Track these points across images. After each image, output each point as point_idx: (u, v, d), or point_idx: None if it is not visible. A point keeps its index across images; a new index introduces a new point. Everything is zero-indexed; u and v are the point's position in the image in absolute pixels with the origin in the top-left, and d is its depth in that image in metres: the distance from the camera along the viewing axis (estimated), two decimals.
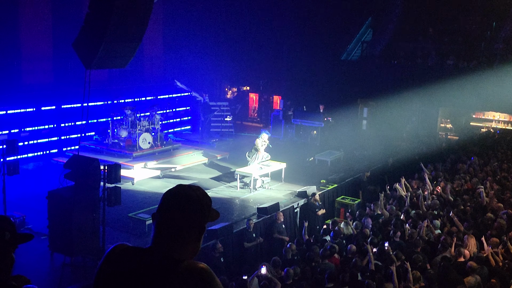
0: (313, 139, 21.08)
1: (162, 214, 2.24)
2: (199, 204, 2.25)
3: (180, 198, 2.25)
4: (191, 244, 2.24)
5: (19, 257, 2.42)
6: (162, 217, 2.23)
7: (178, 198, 2.25)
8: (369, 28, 25.56)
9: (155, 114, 18.52)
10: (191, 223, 2.23)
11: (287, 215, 13.35)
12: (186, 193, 2.26)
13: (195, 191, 2.28)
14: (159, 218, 2.24)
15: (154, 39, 23.94)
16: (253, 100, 26.87)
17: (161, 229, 2.22)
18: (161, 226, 2.23)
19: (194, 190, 2.28)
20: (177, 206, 2.23)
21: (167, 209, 2.24)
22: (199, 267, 2.15)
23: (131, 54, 11.29)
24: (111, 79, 22.03)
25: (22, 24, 19.44)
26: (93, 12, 10.41)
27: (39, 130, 18.05)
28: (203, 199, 2.28)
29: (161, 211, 2.25)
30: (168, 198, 2.26)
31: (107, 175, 10.56)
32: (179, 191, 2.27)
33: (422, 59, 22.60)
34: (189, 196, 2.25)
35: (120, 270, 2.19)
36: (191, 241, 2.24)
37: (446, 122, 23.01)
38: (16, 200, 12.84)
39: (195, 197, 2.26)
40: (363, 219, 11.56)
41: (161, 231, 2.22)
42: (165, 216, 2.23)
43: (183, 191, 2.27)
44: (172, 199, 2.25)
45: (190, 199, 2.24)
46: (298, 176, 16.43)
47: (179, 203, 2.23)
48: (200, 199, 2.27)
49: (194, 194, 2.26)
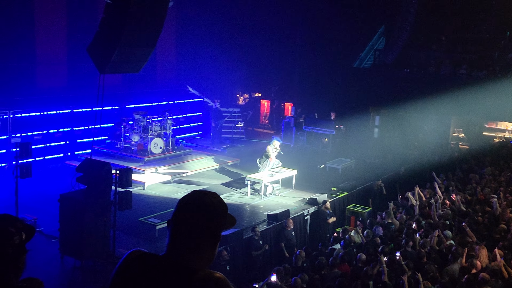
0: (324, 147, 21.03)
1: (177, 221, 2.21)
2: (214, 211, 2.22)
3: (196, 205, 2.22)
4: (206, 252, 2.21)
5: (29, 260, 2.42)
6: (177, 224, 2.21)
7: (193, 205, 2.22)
8: (382, 36, 25.51)
9: (167, 119, 18.59)
10: (206, 231, 2.20)
11: (297, 222, 13.32)
12: (201, 200, 2.23)
13: (211, 198, 2.25)
14: (174, 225, 2.22)
15: (168, 44, 24.07)
16: (264, 106, 26.88)
17: (176, 237, 2.20)
18: (176, 233, 2.21)
19: (210, 197, 2.25)
20: (192, 214, 2.20)
21: (182, 216, 2.21)
22: (215, 276, 2.13)
23: (144, 59, 11.37)
24: (124, 84, 22.17)
25: (38, 29, 19.63)
26: (108, 18, 10.50)
27: (52, 134, 18.18)
28: (219, 207, 2.25)
29: (176, 217, 2.22)
30: (184, 205, 2.23)
31: (119, 179, 10.60)
32: (194, 198, 2.25)
33: (434, 68, 22.51)
34: (204, 203, 2.22)
35: (136, 277, 2.18)
36: (206, 249, 2.21)
37: (458, 132, 22.87)
38: (28, 203, 12.93)
39: (211, 205, 2.23)
40: (374, 227, 11.50)
41: (176, 238, 2.20)
42: (180, 223, 2.20)
43: (199, 198, 2.24)
44: (188, 206, 2.23)
45: (206, 207, 2.21)
46: (309, 184, 16.40)
47: (195, 210, 2.20)
48: (216, 206, 2.24)
49: (209, 201, 2.24)
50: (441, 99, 20.13)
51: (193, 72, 24.68)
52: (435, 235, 10.13)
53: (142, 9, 10.41)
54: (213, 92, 24.17)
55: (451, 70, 22.02)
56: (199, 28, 24.06)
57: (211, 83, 24.81)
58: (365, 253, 9.81)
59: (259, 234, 11.75)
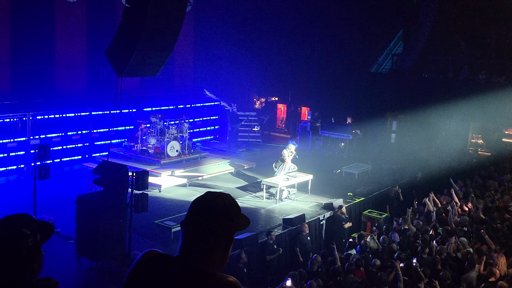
0: (341, 151, 20.95)
1: (190, 222, 2.21)
2: (227, 213, 2.22)
3: (209, 207, 2.21)
4: (219, 254, 2.22)
5: (46, 260, 2.44)
6: (190, 226, 2.21)
7: (206, 207, 2.22)
8: (400, 41, 25.36)
9: (184, 123, 18.67)
10: (219, 233, 2.20)
11: (313, 227, 13.27)
12: (214, 202, 2.23)
13: (223, 200, 2.25)
14: (187, 227, 2.22)
15: (185, 48, 24.20)
16: (281, 110, 26.88)
17: (189, 238, 2.20)
18: (189, 235, 2.21)
19: (223, 199, 2.25)
20: (205, 216, 2.20)
21: (195, 218, 2.21)
22: (229, 281, 2.14)
23: (162, 63, 11.43)
24: (142, 87, 22.34)
25: (58, 33, 19.89)
26: (126, 21, 10.58)
27: (70, 136, 18.37)
28: (231, 209, 2.24)
29: (189, 219, 2.22)
30: (197, 207, 2.23)
31: (135, 182, 10.67)
32: (207, 200, 2.24)
33: (453, 73, 22.31)
34: (217, 205, 2.22)
35: (149, 278, 2.20)
36: (219, 251, 2.21)
37: (477, 138, 22.62)
38: (46, 204, 13.06)
39: (224, 206, 2.22)
40: (390, 233, 11.42)
41: (189, 240, 2.20)
42: (193, 225, 2.20)
43: (212, 199, 2.24)
44: (201, 208, 2.23)
45: (219, 209, 2.21)
46: (325, 188, 16.34)
47: (207, 212, 2.20)
48: (229, 208, 2.24)
49: (222, 203, 2.23)
50: (460, 105, 19.94)
51: (210, 76, 24.78)
52: (452, 242, 10.02)
53: (160, 13, 10.48)
54: (230, 96, 24.24)
55: (470, 75, 21.81)
56: (216, 32, 24.16)
57: (228, 87, 24.88)
58: (381, 259, 9.74)
59: (274, 239, 11.73)
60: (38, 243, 2.33)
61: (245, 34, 24.91)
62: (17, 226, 2.30)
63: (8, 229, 2.29)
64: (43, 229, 2.39)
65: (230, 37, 24.12)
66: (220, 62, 24.71)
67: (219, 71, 24.88)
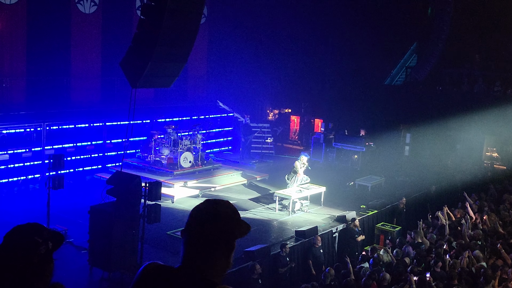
0: (354, 164, 20.85)
1: (190, 231, 2.23)
2: (227, 220, 2.22)
3: (208, 215, 2.22)
4: (221, 262, 2.21)
5: (59, 270, 2.45)
6: (190, 235, 2.22)
7: (206, 215, 2.23)
8: (414, 53, 25.31)
9: (197, 134, 18.72)
10: (220, 240, 2.20)
11: (326, 240, 13.20)
12: (213, 209, 2.24)
13: (222, 207, 2.25)
14: (188, 236, 2.23)
15: (199, 59, 24.34)
16: (294, 122, 26.87)
17: (190, 248, 2.21)
18: (190, 244, 2.22)
19: (222, 206, 2.26)
20: (205, 224, 2.20)
21: (195, 226, 2.22)
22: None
23: (176, 74, 11.51)
24: (156, 98, 22.47)
25: (73, 44, 20.13)
26: (141, 33, 10.69)
27: (84, 146, 18.50)
28: (231, 215, 2.25)
29: (189, 228, 2.23)
30: (196, 215, 2.25)
31: (148, 192, 10.69)
32: (206, 208, 2.25)
33: (468, 86, 22.18)
34: (217, 212, 2.22)
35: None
36: (220, 259, 2.21)
37: (492, 151, 22.39)
38: (59, 214, 13.13)
39: (223, 213, 2.23)
40: (404, 247, 11.32)
41: (190, 249, 2.21)
42: (194, 234, 2.21)
43: (211, 207, 2.25)
44: (200, 216, 2.24)
45: (218, 216, 2.22)
46: (338, 201, 16.26)
47: (207, 220, 2.21)
48: (228, 215, 2.24)
49: (221, 210, 2.24)
50: (475, 118, 19.80)
51: (223, 87, 24.87)
52: (465, 256, 9.91)
53: (174, 25, 10.56)
54: (243, 107, 24.29)
55: (484, 88, 21.67)
56: (230, 44, 24.28)
57: (241, 98, 24.95)
58: (395, 273, 9.65)
59: (288, 252, 11.67)
60: (50, 251, 2.35)
61: (258, 45, 25.02)
62: (29, 235, 2.32)
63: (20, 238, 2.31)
64: (54, 237, 2.41)
65: (243, 49, 24.22)
66: (234, 73, 24.81)
67: (233, 82, 24.97)
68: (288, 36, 24.90)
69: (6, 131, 16.57)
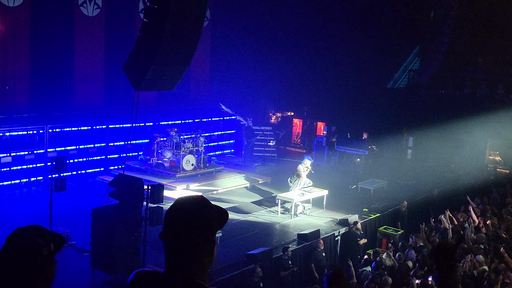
0: (356, 167, 20.84)
1: (169, 236, 2.19)
2: (202, 217, 2.17)
3: (182, 215, 2.17)
4: (204, 260, 2.18)
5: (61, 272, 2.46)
6: (169, 237, 2.18)
7: (180, 215, 2.18)
8: (416, 56, 25.30)
9: (200, 137, 18.74)
10: (200, 239, 2.16)
11: (328, 243, 13.18)
12: (186, 208, 2.19)
13: (195, 203, 2.21)
14: (167, 240, 2.19)
15: (202, 62, 24.38)
16: (297, 125, 26.87)
17: (172, 252, 2.18)
18: (170, 248, 2.18)
19: (194, 202, 2.21)
20: (181, 224, 2.16)
21: (172, 230, 2.18)
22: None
23: (179, 77, 11.52)
24: (159, 101, 22.50)
25: (76, 46, 20.17)
26: (144, 36, 10.70)
27: (87, 149, 18.53)
28: (205, 211, 2.19)
29: (167, 232, 2.19)
30: (171, 217, 2.20)
31: (150, 195, 10.70)
32: (179, 208, 2.21)
33: (470, 89, 22.15)
34: (190, 210, 2.18)
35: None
36: (204, 257, 2.18)
37: (495, 155, 22.37)
38: (61, 216, 13.14)
39: (196, 211, 2.18)
40: (407, 250, 11.30)
41: (173, 253, 2.18)
42: (172, 238, 2.18)
43: (184, 206, 2.20)
44: (175, 217, 2.19)
45: (192, 214, 2.17)
46: (340, 204, 16.25)
47: (182, 220, 2.16)
48: (202, 211, 2.18)
49: (194, 207, 2.19)
50: (477, 121, 19.77)
51: (226, 90, 24.89)
52: (468, 260, 9.89)
53: (177, 28, 10.58)
54: (245, 110, 24.31)
55: (487, 91, 21.64)
56: (232, 47, 24.32)
57: (244, 101, 24.97)
58: (397, 277, 9.63)
59: (290, 255, 11.66)
60: (52, 253, 2.36)
61: (261, 48, 25.03)
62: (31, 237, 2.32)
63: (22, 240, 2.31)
64: (56, 239, 2.41)
65: (246, 52, 24.26)
66: (236, 76, 24.83)
67: (235, 85, 24.99)
68: (291, 39, 24.92)
69: (9, 133, 16.61)
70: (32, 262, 2.27)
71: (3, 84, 18.38)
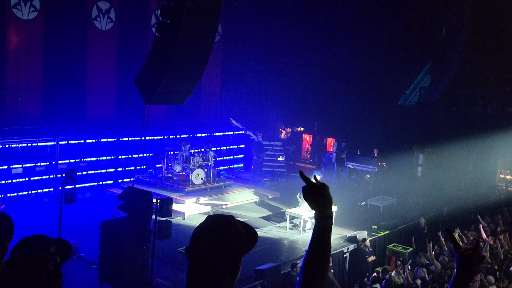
0: (366, 184, 20.76)
1: (194, 252, 2.09)
2: (229, 240, 2.08)
3: (211, 234, 2.09)
4: (225, 282, 2.08)
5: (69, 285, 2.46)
6: (194, 256, 2.09)
7: (208, 234, 2.09)
8: (427, 73, 25.28)
9: (209, 151, 18.78)
10: (225, 260, 2.07)
11: (336, 260, 13.10)
12: (217, 227, 2.11)
13: (225, 224, 2.12)
14: (191, 260, 2.09)
15: (212, 77, 24.49)
16: (306, 141, 26.85)
17: (194, 269, 2.08)
18: (194, 266, 2.08)
19: (225, 223, 2.13)
20: (207, 244, 2.07)
21: (199, 246, 2.09)
22: None
23: (189, 91, 11.59)
24: (169, 115, 22.60)
25: (89, 59, 20.36)
26: (156, 50, 10.80)
27: (97, 161, 18.61)
28: (235, 232, 2.11)
29: (193, 249, 2.10)
30: (199, 235, 2.11)
31: (159, 209, 10.71)
32: (209, 226, 2.12)
33: (481, 107, 22.07)
34: (220, 231, 2.09)
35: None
36: (225, 280, 2.08)
37: (506, 173, 22.18)
38: (70, 228, 13.16)
39: (224, 233, 2.09)
40: (416, 269, 11.20)
41: (193, 270, 2.08)
42: (198, 255, 2.08)
43: (213, 226, 2.12)
44: (203, 235, 2.10)
45: (222, 234, 2.08)
46: (349, 220, 16.16)
47: (209, 240, 2.08)
48: (232, 232, 2.10)
49: (223, 228, 2.11)
50: (488, 139, 19.66)
51: (236, 104, 24.98)
52: (477, 280, 9.78)
53: (189, 42, 10.67)
54: (255, 125, 24.35)
55: (499, 109, 21.54)
56: (243, 62, 24.44)
57: (254, 116, 25.02)
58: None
59: (298, 271, 11.56)
60: (58, 265, 2.35)
61: (272, 64, 25.15)
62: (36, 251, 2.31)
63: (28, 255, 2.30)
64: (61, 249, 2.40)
65: (257, 67, 24.38)
66: (247, 91, 24.92)
67: (246, 100, 25.07)
68: (302, 54, 25.00)
69: (20, 144, 16.74)
70: (38, 277, 2.26)
71: (15, 96, 18.57)
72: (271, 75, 24.90)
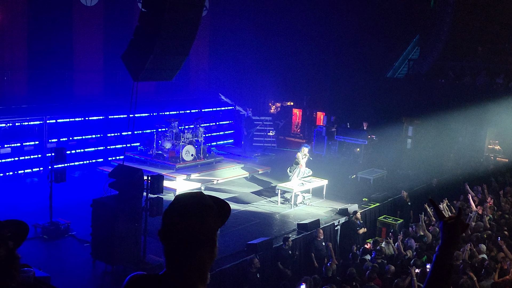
0: (356, 157, 20.85)
1: (168, 234, 2.07)
2: (202, 216, 2.05)
3: (181, 214, 2.05)
4: (205, 259, 2.07)
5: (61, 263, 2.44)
6: (168, 237, 2.07)
7: (179, 214, 2.06)
8: (416, 45, 25.23)
9: (199, 127, 18.72)
10: (199, 238, 2.04)
11: (327, 233, 13.21)
12: (185, 207, 2.07)
13: (195, 202, 2.08)
14: (166, 238, 2.08)
15: (201, 52, 24.30)
16: (296, 115, 26.85)
17: (171, 251, 2.07)
18: (170, 247, 2.07)
19: (195, 201, 2.09)
20: (180, 224, 2.04)
21: (171, 228, 2.06)
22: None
23: (177, 67, 11.48)
24: (158, 91, 22.46)
25: (75, 37, 20.09)
26: (143, 26, 10.66)
27: (87, 139, 18.51)
28: (205, 209, 2.07)
29: (166, 230, 2.07)
30: (170, 216, 2.07)
31: (150, 186, 10.71)
32: (179, 207, 2.07)
33: (470, 78, 22.11)
34: (189, 210, 2.05)
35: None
36: (204, 256, 2.06)
37: (494, 144, 22.36)
38: (61, 207, 13.15)
39: (196, 210, 2.06)
40: (406, 239, 11.33)
41: (171, 253, 2.07)
42: (172, 236, 2.06)
43: (183, 205, 2.08)
44: (174, 216, 2.07)
45: (192, 213, 2.05)
46: (340, 194, 16.27)
47: (182, 220, 2.04)
48: (202, 210, 2.06)
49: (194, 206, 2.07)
50: (477, 110, 19.74)
51: (225, 80, 24.85)
52: (467, 249, 9.91)
53: (176, 17, 10.53)
54: (245, 100, 24.27)
55: (487, 80, 21.60)
56: (232, 37, 24.24)
57: (243, 91, 24.92)
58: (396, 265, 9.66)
59: (291, 245, 11.66)
60: (12, 250, 2.30)
61: (260, 39, 24.95)
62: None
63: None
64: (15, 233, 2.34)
65: (245, 42, 24.18)
66: (236, 66, 24.77)
67: (235, 75, 24.93)
68: (291, 29, 24.82)
69: (8, 124, 16.58)
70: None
71: (1, 75, 18.33)
72: (259, 50, 24.73)
